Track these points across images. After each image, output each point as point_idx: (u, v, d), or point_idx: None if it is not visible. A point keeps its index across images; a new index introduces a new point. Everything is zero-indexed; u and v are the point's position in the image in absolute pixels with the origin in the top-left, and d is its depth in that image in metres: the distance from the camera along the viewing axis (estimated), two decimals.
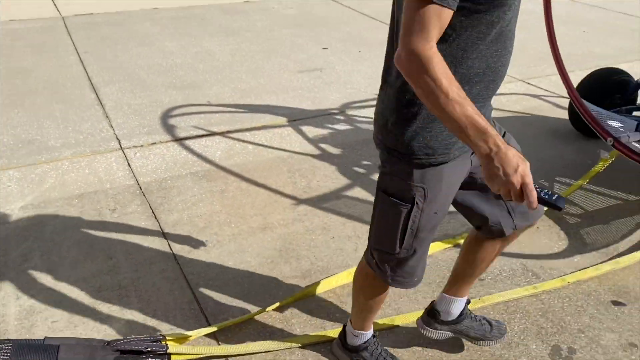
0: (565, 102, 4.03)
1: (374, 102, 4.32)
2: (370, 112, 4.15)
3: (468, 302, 2.03)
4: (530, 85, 4.69)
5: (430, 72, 1.17)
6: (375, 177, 3.20)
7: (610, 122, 3.03)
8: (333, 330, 2.13)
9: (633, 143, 2.91)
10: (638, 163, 2.75)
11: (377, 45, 5.69)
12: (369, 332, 1.95)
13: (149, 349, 1.91)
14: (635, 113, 3.41)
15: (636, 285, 2.42)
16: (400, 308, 2.28)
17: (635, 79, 3.55)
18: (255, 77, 4.76)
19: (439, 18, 1.19)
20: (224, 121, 3.91)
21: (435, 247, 2.61)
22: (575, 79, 3.66)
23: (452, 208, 1.68)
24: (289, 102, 4.29)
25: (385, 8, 7.05)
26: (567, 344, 2.10)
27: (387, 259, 1.63)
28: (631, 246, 2.66)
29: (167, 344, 1.95)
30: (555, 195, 1.27)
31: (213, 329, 2.09)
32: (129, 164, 3.32)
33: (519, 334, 2.15)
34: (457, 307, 1.98)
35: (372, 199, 3.04)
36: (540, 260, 2.57)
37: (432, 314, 2.02)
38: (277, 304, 2.23)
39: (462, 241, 2.68)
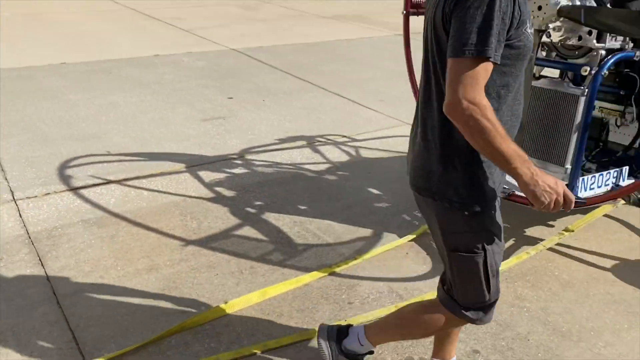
0: None
1: (273, 147, 4.63)
2: (268, 156, 4.40)
3: None
4: None
5: (489, 116, 1.38)
6: (266, 215, 3.44)
7: None
8: (208, 359, 2.26)
9: None
10: None
11: (282, 94, 6.02)
12: (372, 348, 2.09)
13: None
14: None
15: None
16: (272, 333, 2.44)
17: None
18: (158, 126, 4.92)
19: (487, 71, 1.40)
20: (122, 170, 4.02)
21: (311, 277, 2.82)
22: None
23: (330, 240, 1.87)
24: (189, 149, 4.47)
25: (294, 61, 7.42)
26: (419, 355, 2.33)
27: (479, 307, 1.75)
28: None
29: None
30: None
31: None
32: (20, 215, 3.36)
33: (377, 349, 2.36)
34: None
35: (260, 235, 3.26)
36: (405, 283, 2.83)
37: None
38: (153, 337, 2.34)
39: (338, 269, 2.91)
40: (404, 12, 3.54)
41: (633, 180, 3.16)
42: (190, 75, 6.57)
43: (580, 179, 2.92)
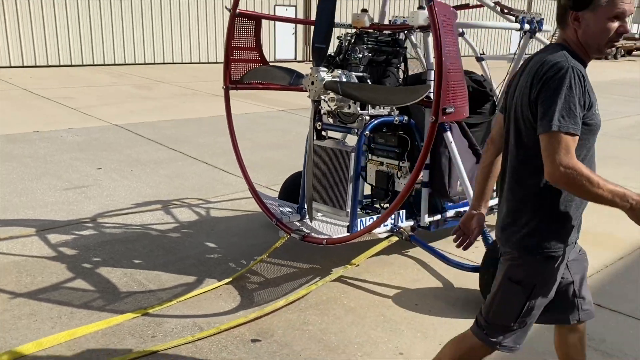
0: None
1: (128, 210, 5.02)
2: (120, 219, 4.74)
3: None
4: (270, 190, 5.64)
5: (585, 175, 1.76)
6: (100, 269, 3.77)
7: (281, 208, 3.94)
8: None
9: (294, 222, 3.82)
10: (289, 235, 3.62)
11: (151, 164, 6.43)
12: None
13: None
14: None
15: (277, 326, 3.14)
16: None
17: None
18: (19, 195, 5.17)
19: (574, 142, 1.79)
20: None
21: (123, 317, 3.15)
22: None
23: None
24: (44, 215, 4.74)
25: (172, 134, 7.86)
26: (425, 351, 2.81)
27: (501, 330, 2.06)
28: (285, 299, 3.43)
29: None
30: None
31: None
32: None
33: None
34: None
35: (88, 286, 3.57)
36: (210, 318, 3.22)
37: None
38: None
39: (151, 310, 3.26)
40: (224, 87, 4.14)
41: (412, 222, 3.80)
42: (65, 149, 6.87)
43: (359, 220, 3.51)
